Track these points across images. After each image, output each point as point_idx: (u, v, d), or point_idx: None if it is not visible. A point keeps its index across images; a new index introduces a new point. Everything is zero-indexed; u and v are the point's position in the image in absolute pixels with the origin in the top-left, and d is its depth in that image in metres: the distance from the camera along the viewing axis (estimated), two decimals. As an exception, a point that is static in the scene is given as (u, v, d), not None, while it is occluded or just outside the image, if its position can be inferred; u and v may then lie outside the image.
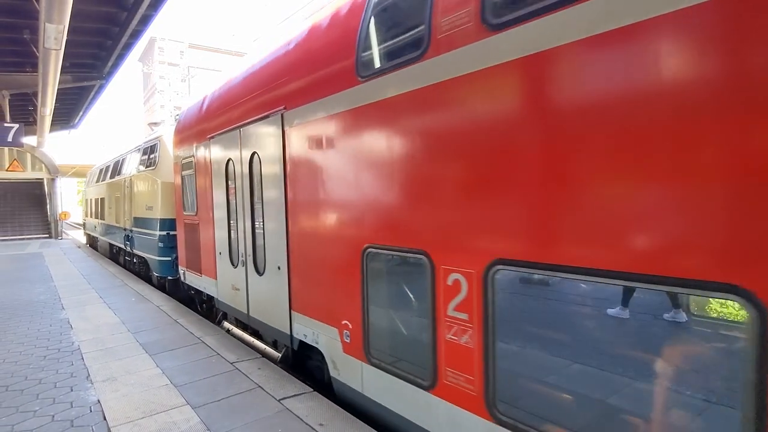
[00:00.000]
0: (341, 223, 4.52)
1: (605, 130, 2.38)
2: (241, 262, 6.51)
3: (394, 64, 3.70)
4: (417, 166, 3.55)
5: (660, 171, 2.18)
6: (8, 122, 19.83)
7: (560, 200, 2.60)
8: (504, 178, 2.91)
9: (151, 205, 11.41)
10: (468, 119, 3.12)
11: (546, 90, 2.69)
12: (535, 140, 2.73)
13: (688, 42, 2.09)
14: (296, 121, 5.03)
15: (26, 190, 27.79)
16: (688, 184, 2.10)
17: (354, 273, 4.27)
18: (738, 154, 1.95)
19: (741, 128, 1.93)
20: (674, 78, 2.14)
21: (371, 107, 3.94)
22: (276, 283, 5.64)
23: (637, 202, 2.26)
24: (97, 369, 5.62)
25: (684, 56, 2.11)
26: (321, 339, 4.86)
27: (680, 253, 2.12)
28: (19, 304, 9.36)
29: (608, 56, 2.36)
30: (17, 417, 4.46)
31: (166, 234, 10.71)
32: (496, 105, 2.96)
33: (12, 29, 13.79)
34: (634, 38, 2.23)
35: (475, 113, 3.07)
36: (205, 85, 9.21)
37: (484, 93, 3.00)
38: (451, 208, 3.29)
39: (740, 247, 1.93)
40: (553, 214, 2.65)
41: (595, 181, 2.45)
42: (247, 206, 6.25)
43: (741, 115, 1.92)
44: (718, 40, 1.99)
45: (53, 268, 14.66)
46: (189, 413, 4.40)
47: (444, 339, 3.38)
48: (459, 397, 3.27)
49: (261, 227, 5.97)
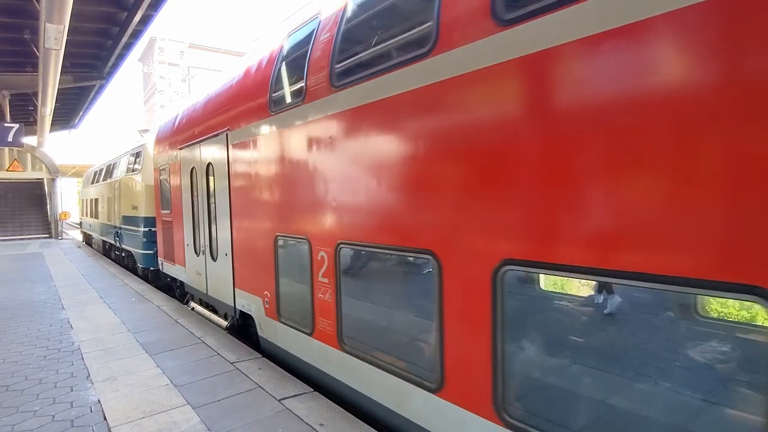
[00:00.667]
0: (261, 218, 5.94)
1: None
2: (202, 252, 8.01)
3: (289, 104, 5.18)
4: (299, 176, 5.05)
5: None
6: (8, 122, 19.80)
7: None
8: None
9: (137, 204, 12.84)
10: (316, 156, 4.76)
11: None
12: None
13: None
14: (236, 141, 6.47)
15: (26, 190, 27.81)
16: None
17: (269, 255, 5.72)
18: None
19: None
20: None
21: (280, 134, 5.39)
22: (224, 267, 7.09)
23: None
24: (97, 369, 5.62)
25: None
26: (252, 307, 6.34)
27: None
28: (19, 304, 9.36)
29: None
30: (18, 417, 4.46)
31: (148, 230, 12.09)
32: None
33: (12, 29, 13.78)
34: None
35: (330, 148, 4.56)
36: (179, 104, 11.09)
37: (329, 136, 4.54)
38: (308, 199, 4.89)
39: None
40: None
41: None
42: (205, 206, 7.77)
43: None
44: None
45: (53, 268, 14.67)
46: (189, 413, 4.39)
47: (317, 297, 4.82)
48: (326, 337, 4.73)
49: (215, 223, 7.39)
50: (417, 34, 3.58)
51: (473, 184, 3.10)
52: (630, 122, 2.27)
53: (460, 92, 3.11)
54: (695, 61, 2.06)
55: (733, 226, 1.96)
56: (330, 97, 4.44)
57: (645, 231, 2.24)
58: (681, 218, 2.10)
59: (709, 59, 2.01)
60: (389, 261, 4.37)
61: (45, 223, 27.69)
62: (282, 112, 5.30)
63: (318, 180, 4.73)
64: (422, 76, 3.39)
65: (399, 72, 3.60)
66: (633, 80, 2.25)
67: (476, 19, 2.94)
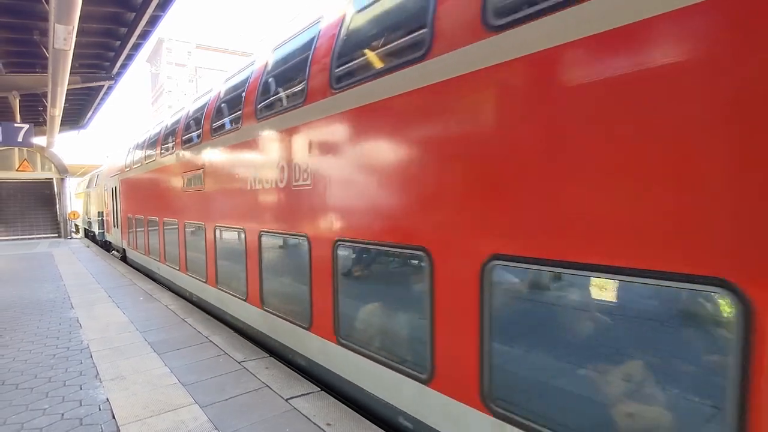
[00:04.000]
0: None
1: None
2: (114, 228, 18.10)
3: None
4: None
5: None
6: (18, 122, 20.04)
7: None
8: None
9: (97, 206, 23.97)
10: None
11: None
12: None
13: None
14: (123, 177, 15.59)
15: (36, 190, 28.07)
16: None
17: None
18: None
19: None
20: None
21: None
22: (117, 235, 17.33)
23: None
24: (105, 368, 5.64)
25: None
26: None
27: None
28: (28, 303, 9.44)
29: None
30: (27, 415, 4.49)
31: (101, 219, 22.59)
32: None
33: (22, 30, 13.94)
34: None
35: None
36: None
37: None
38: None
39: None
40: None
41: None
42: (117, 207, 16.73)
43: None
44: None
45: (62, 267, 14.79)
46: (197, 412, 4.40)
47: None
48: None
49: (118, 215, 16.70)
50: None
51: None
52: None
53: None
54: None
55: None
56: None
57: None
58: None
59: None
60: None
61: (54, 222, 27.94)
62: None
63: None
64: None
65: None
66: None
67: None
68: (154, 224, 11.84)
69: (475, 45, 3.10)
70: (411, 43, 3.73)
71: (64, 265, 15.15)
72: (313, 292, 5.12)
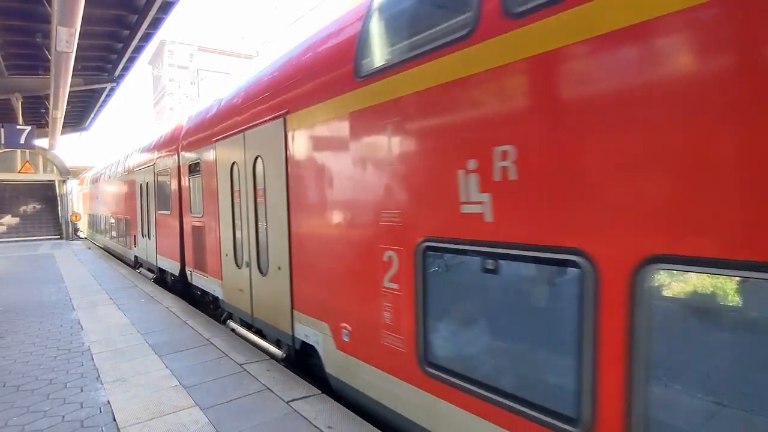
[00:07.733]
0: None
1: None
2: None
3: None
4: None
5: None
6: (21, 124, 20.04)
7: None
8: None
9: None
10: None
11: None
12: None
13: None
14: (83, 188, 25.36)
15: (38, 192, 28.16)
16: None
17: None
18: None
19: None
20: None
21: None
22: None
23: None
24: (107, 370, 5.64)
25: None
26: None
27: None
28: (30, 305, 9.45)
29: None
30: (28, 417, 4.49)
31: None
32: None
33: (25, 33, 13.98)
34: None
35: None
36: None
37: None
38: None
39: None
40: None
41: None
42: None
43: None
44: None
45: (64, 269, 14.80)
46: (198, 414, 4.40)
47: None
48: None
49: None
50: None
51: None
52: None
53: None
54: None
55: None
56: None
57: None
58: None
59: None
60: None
61: (56, 224, 28.00)
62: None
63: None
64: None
65: None
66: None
67: None
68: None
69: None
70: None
71: (65, 267, 15.17)
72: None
